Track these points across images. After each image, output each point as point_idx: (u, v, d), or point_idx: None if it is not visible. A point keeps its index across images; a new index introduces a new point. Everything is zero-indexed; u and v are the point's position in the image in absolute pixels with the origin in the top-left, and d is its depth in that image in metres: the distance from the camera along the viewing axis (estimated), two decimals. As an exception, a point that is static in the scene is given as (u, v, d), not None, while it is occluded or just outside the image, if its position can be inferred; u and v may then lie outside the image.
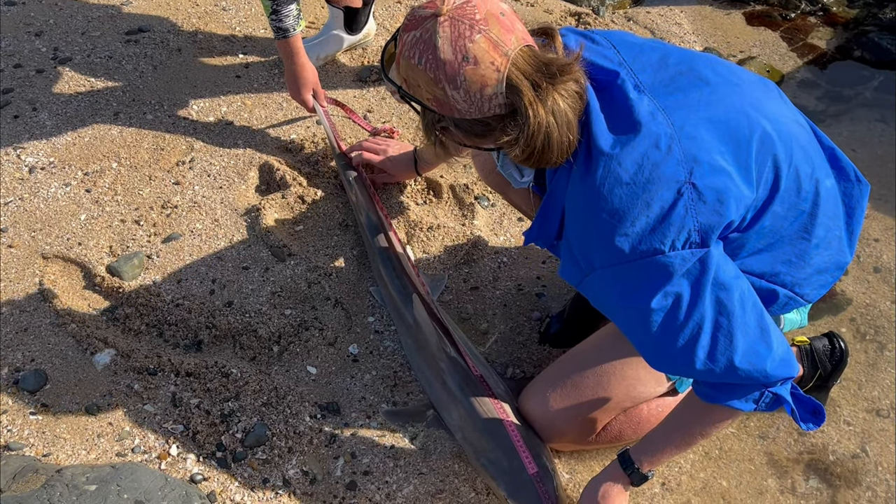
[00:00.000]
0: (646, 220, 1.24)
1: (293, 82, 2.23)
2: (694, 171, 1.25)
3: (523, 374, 1.91)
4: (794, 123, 1.42)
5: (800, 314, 1.65)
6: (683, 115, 1.29)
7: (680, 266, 1.25)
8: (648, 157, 1.25)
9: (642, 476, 1.48)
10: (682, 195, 1.24)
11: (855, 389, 1.89)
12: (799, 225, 1.39)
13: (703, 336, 1.27)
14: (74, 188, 2.20)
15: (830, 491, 1.73)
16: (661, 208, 1.24)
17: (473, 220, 2.24)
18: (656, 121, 1.27)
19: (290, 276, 2.04)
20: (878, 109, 2.66)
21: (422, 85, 1.25)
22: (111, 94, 2.47)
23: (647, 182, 1.24)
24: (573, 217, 1.35)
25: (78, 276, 2.01)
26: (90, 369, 1.82)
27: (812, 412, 1.36)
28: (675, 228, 1.24)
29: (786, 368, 1.30)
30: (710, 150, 1.27)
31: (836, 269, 1.49)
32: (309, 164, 2.32)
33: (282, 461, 1.71)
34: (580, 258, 1.35)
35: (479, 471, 1.67)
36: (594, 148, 1.28)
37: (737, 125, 1.31)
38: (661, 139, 1.26)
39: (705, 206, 1.25)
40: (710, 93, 1.33)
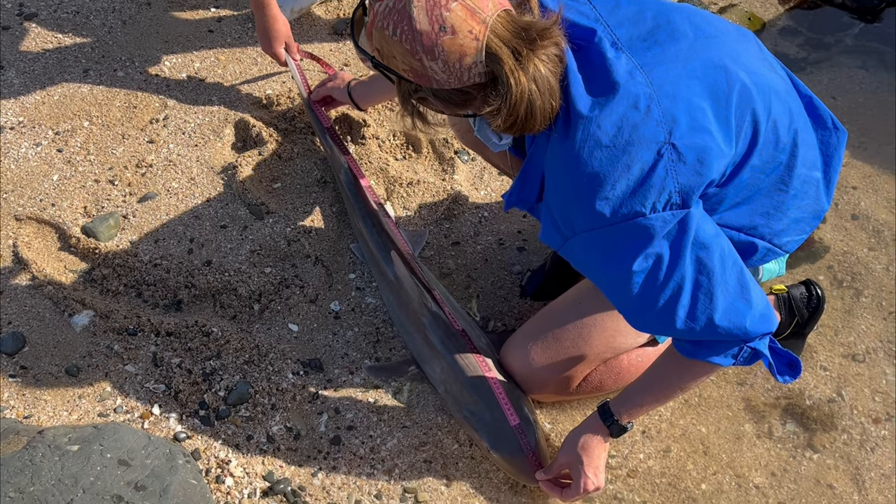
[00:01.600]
0: (626, 183, 1.23)
1: (264, 35, 2.18)
2: (673, 131, 1.23)
3: (504, 327, 1.91)
4: (772, 74, 1.40)
5: (778, 264, 1.66)
6: (662, 72, 1.27)
7: (661, 228, 1.24)
8: (627, 119, 1.23)
9: (621, 427, 1.50)
10: (661, 156, 1.23)
11: (831, 335, 1.92)
12: (776, 177, 1.39)
13: (684, 296, 1.27)
14: (45, 148, 2.16)
15: (807, 434, 1.76)
16: (641, 170, 1.23)
17: (454, 174, 2.22)
18: (635, 80, 1.25)
19: (268, 234, 2.02)
20: (859, 56, 2.65)
21: (397, 56, 1.21)
22: (80, 50, 2.41)
23: (627, 144, 1.23)
24: (553, 181, 1.34)
25: (53, 238, 1.98)
26: (68, 331, 1.81)
27: (788, 365, 1.38)
28: (655, 190, 1.23)
29: (765, 324, 1.31)
30: (689, 108, 1.25)
31: (814, 218, 1.49)
32: (285, 119, 2.28)
33: (265, 418, 1.71)
34: (561, 222, 1.34)
35: (462, 423, 1.69)
36: (573, 111, 1.26)
37: (715, 80, 1.29)
38: (639, 99, 1.24)
39: (685, 166, 1.24)
40: (687, 47, 1.31)
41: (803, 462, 1.72)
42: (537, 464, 1.58)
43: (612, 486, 1.67)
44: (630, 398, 1.50)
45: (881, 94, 2.52)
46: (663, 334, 1.36)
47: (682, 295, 1.27)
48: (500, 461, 1.61)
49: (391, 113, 2.33)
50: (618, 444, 1.73)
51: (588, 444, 1.51)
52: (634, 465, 1.70)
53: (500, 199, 2.18)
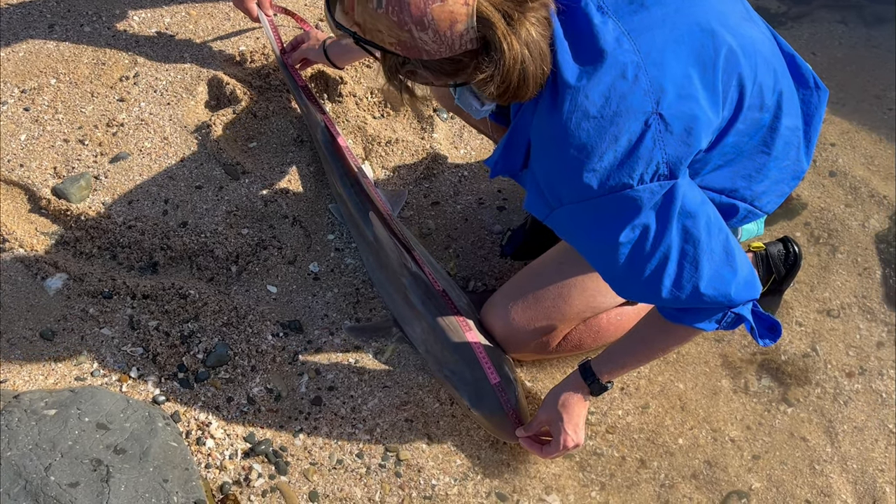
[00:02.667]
0: (613, 155, 1.21)
1: None
2: (661, 101, 1.21)
3: (485, 286, 1.91)
4: (757, 33, 1.38)
5: (757, 224, 1.67)
6: (649, 39, 1.24)
7: (648, 199, 1.23)
8: (615, 89, 1.20)
9: (601, 386, 1.51)
10: (649, 127, 1.20)
11: (807, 291, 1.94)
12: (759, 139, 1.38)
13: (670, 266, 1.27)
14: (11, 107, 2.09)
15: (781, 389, 1.79)
16: (628, 141, 1.20)
17: (433, 133, 2.19)
18: (622, 48, 1.22)
19: (245, 195, 1.99)
20: (839, 11, 2.63)
21: (383, 30, 1.16)
22: (44, 4, 2.32)
23: (615, 115, 1.20)
24: (539, 151, 1.31)
25: (22, 200, 1.93)
26: (42, 294, 1.78)
27: (769, 328, 1.39)
28: (643, 162, 1.21)
29: (749, 290, 1.31)
30: (676, 76, 1.23)
31: (793, 179, 1.49)
32: (260, 77, 2.23)
33: (245, 380, 1.71)
34: (547, 192, 1.32)
35: (443, 382, 1.70)
36: (560, 80, 1.22)
37: (702, 45, 1.26)
38: (627, 68, 1.21)
39: (673, 136, 1.22)
40: (674, 10, 1.27)
41: (777, 416, 1.75)
42: (517, 421, 1.59)
43: (591, 441, 1.69)
44: (612, 358, 1.51)
45: (860, 50, 2.52)
46: (649, 302, 1.36)
47: (668, 265, 1.27)
48: (481, 419, 1.62)
49: (369, 70, 2.29)
50: (597, 402, 1.74)
51: (568, 402, 1.53)
52: (613, 422, 1.72)
53: (481, 160, 2.16)
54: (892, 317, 1.90)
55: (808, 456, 1.70)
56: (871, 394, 1.79)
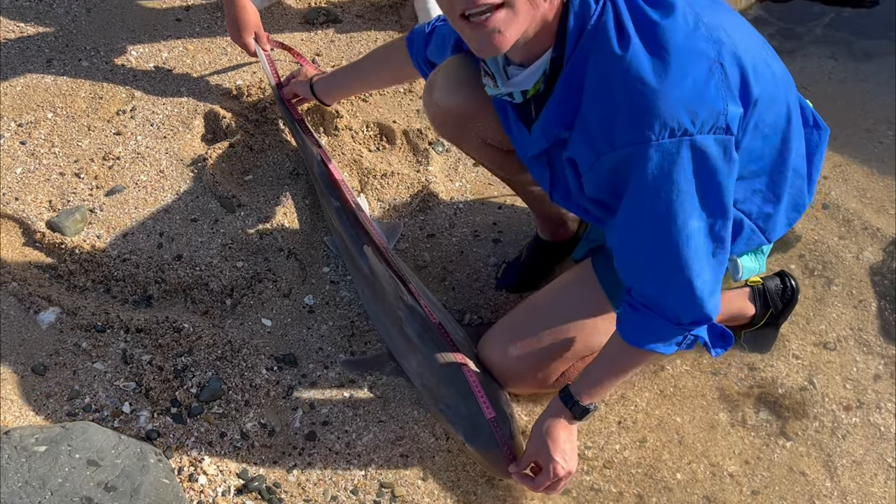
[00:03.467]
0: (679, 93, 1.19)
1: (233, 24, 2.14)
2: (721, 52, 1.22)
3: (481, 319, 1.90)
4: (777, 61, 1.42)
5: (758, 261, 1.65)
6: (702, 6, 1.26)
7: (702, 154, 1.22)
8: (682, 31, 1.22)
9: (583, 409, 1.49)
10: (713, 74, 1.21)
11: (803, 324, 1.94)
12: (779, 158, 1.40)
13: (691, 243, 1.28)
14: (8, 140, 2.10)
15: (779, 422, 1.78)
16: (693, 82, 1.20)
17: (428, 166, 2.20)
18: (677, 4, 1.24)
19: (240, 228, 1.99)
20: (828, 46, 2.67)
21: None
22: (43, 39, 2.34)
23: (681, 51, 1.20)
24: (597, 90, 1.27)
25: (17, 233, 1.93)
26: (34, 328, 1.76)
27: (721, 336, 1.41)
28: (706, 109, 1.20)
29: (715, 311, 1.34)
30: (731, 37, 1.25)
31: (796, 211, 1.51)
32: (256, 110, 2.24)
33: (239, 414, 1.69)
34: (598, 135, 1.29)
35: (438, 417, 1.68)
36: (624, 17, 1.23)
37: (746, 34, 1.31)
38: (687, 16, 1.23)
39: (730, 91, 1.22)
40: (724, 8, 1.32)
41: (776, 450, 1.74)
42: (512, 457, 1.57)
43: (588, 476, 1.67)
44: (587, 378, 1.50)
45: (849, 84, 2.55)
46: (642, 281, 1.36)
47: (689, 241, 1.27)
48: (476, 454, 1.60)
49: (364, 104, 2.31)
50: (594, 436, 1.73)
51: (553, 429, 1.50)
52: (610, 456, 1.71)
53: (476, 193, 2.17)
54: (888, 349, 1.90)
55: (807, 491, 1.68)
56: (869, 427, 1.77)
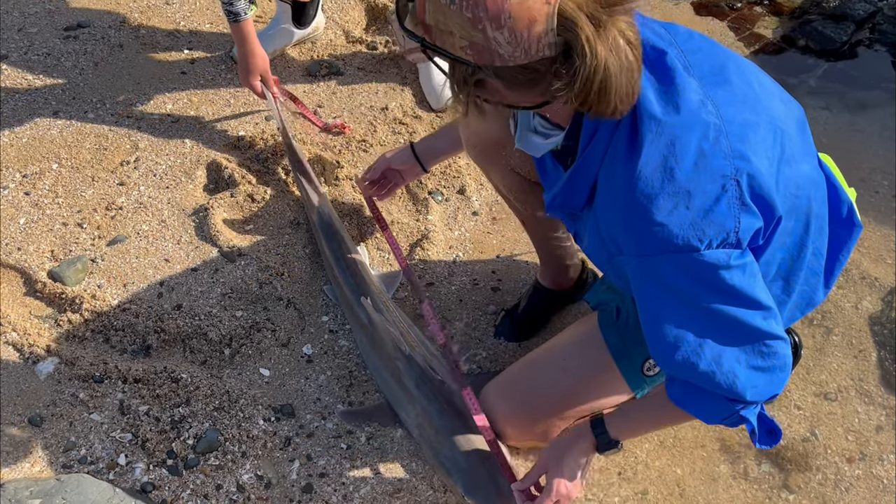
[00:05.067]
0: (685, 212, 1.15)
1: (242, 67, 2.21)
2: (739, 169, 1.17)
3: (479, 369, 1.90)
4: (809, 158, 1.37)
5: None
6: (732, 112, 1.20)
7: (711, 267, 1.18)
8: (697, 144, 1.16)
9: (609, 441, 1.42)
10: (726, 191, 1.16)
11: (804, 374, 1.93)
12: (795, 263, 1.35)
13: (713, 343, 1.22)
14: (13, 191, 2.13)
15: (782, 475, 1.76)
16: (703, 202, 1.15)
17: (427, 215, 2.22)
18: (706, 108, 1.18)
19: (240, 277, 2.00)
20: (822, 97, 2.71)
21: (455, 30, 1.06)
22: (50, 92, 2.39)
23: (693, 170, 1.15)
24: (606, 192, 1.24)
25: (18, 283, 1.94)
26: (32, 379, 1.76)
27: (769, 432, 1.34)
28: (715, 227, 1.16)
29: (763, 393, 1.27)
30: (755, 151, 1.19)
31: (808, 307, 1.47)
32: (258, 161, 2.27)
33: (235, 466, 1.67)
34: (608, 239, 1.28)
35: (437, 469, 1.66)
36: (643, 114, 1.17)
37: (774, 138, 1.24)
38: (710, 129, 1.17)
39: (746, 207, 1.17)
40: (754, 98, 1.25)
41: (779, 503, 1.71)
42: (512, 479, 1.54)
43: (589, 530, 1.65)
44: (624, 417, 1.44)
45: (843, 135, 2.58)
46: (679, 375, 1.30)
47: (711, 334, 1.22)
48: (475, 508, 1.58)
49: (364, 154, 2.34)
50: (593, 488, 1.71)
51: (569, 450, 1.44)
52: (611, 509, 1.68)
53: (475, 241, 2.19)
54: (889, 400, 1.88)
55: (811, 545, 1.65)
56: (872, 479, 1.75)
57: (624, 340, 1.53)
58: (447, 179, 2.30)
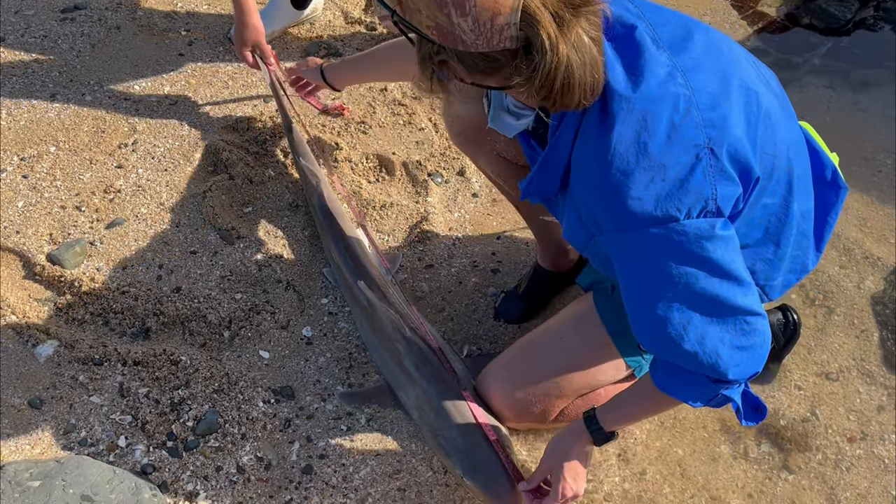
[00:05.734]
0: (661, 184, 1.16)
1: (238, 37, 2.19)
2: (713, 137, 1.18)
3: (479, 351, 1.90)
4: (787, 120, 1.37)
5: None
6: (701, 80, 1.21)
7: (693, 237, 1.18)
8: (668, 117, 1.18)
9: (605, 435, 1.45)
10: (700, 160, 1.17)
11: (805, 354, 1.92)
12: (783, 224, 1.35)
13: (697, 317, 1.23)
14: (10, 174, 2.12)
15: (782, 455, 1.76)
16: (677, 172, 1.17)
17: (427, 197, 2.21)
18: (675, 81, 1.19)
19: (239, 260, 2.00)
20: (826, 76, 2.69)
21: (422, 10, 1.09)
22: (47, 74, 2.37)
23: (666, 143, 1.17)
24: (581, 173, 1.25)
25: (17, 266, 1.94)
26: (32, 362, 1.76)
27: (755, 409, 1.36)
28: (692, 195, 1.17)
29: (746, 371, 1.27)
30: (726, 117, 1.21)
31: (802, 272, 1.46)
32: (256, 143, 2.26)
33: (235, 448, 1.68)
34: (587, 219, 1.28)
35: (436, 450, 1.67)
36: (611, 95, 1.17)
37: (748, 100, 1.25)
38: (679, 100, 1.18)
39: (723, 174, 1.19)
40: (725, 62, 1.26)
41: (779, 483, 1.71)
42: (518, 477, 1.55)
43: (588, 511, 1.65)
44: (615, 408, 1.46)
45: (847, 113, 2.55)
46: (661, 354, 1.31)
47: (694, 313, 1.22)
48: (474, 489, 1.58)
49: (364, 136, 2.32)
50: (594, 469, 1.71)
51: (570, 450, 1.47)
52: (610, 489, 1.68)
53: (475, 223, 2.18)
54: (891, 380, 1.88)
55: (811, 525, 1.65)
56: (873, 459, 1.75)
57: (619, 316, 1.53)
58: (447, 161, 2.28)
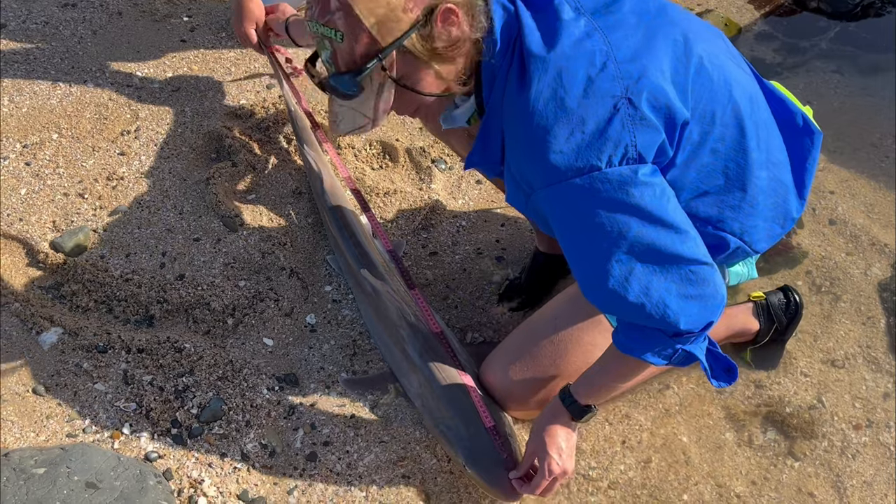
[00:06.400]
0: (581, 136, 1.22)
1: (236, 15, 2.13)
2: (630, 88, 1.24)
3: (483, 338, 1.89)
4: (735, 67, 1.41)
5: (746, 266, 1.64)
6: (622, 35, 1.28)
7: (617, 183, 1.23)
8: (583, 74, 1.24)
9: (581, 409, 1.47)
10: (618, 110, 1.23)
11: (811, 341, 1.91)
12: (745, 168, 1.39)
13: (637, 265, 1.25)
14: (13, 161, 2.11)
15: (787, 442, 1.75)
16: (596, 124, 1.22)
17: (431, 183, 2.20)
18: (592, 39, 1.26)
19: (242, 247, 1.99)
20: (834, 61, 2.66)
21: None
22: (49, 61, 2.36)
23: (582, 97, 1.23)
24: (510, 135, 1.33)
25: (20, 254, 1.93)
26: (36, 349, 1.76)
27: (726, 370, 1.37)
28: (611, 143, 1.22)
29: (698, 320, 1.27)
30: (647, 66, 1.26)
31: (787, 220, 1.48)
32: (259, 130, 2.25)
33: (239, 435, 1.68)
34: (520, 179, 1.35)
35: (438, 438, 1.66)
36: (527, 56, 1.26)
37: (675, 47, 1.31)
38: (595, 56, 1.25)
39: (642, 122, 1.24)
40: (650, 19, 1.32)
41: (784, 470, 1.71)
42: (513, 464, 1.54)
43: (593, 498, 1.65)
44: (585, 381, 1.48)
45: (855, 98, 2.53)
46: (611, 311, 1.34)
47: (635, 264, 1.25)
48: (476, 477, 1.57)
49: (367, 122, 2.31)
50: (598, 456, 1.71)
51: (551, 429, 1.48)
52: (615, 477, 1.68)
53: (479, 210, 2.16)
54: (897, 367, 1.87)
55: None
56: (879, 447, 1.74)
57: None
58: (451, 147, 2.27)
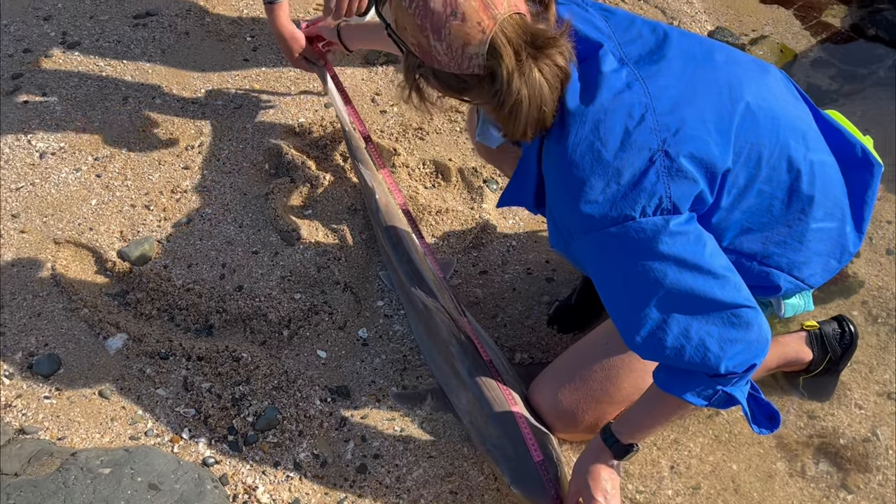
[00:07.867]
0: (616, 187, 1.25)
1: (283, 51, 2.22)
2: (668, 140, 1.26)
3: (531, 359, 1.91)
4: (787, 103, 1.41)
5: (803, 298, 1.63)
6: (663, 85, 1.30)
7: (651, 233, 1.25)
8: (620, 126, 1.26)
9: (624, 448, 1.47)
10: (653, 163, 1.25)
11: (866, 373, 1.89)
12: (794, 206, 1.39)
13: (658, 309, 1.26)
14: (85, 173, 2.21)
15: (841, 475, 1.73)
16: (632, 175, 1.25)
17: (482, 203, 2.23)
18: (632, 90, 1.28)
19: (299, 261, 2.05)
20: (891, 89, 2.62)
21: (408, 28, 1.25)
22: (120, 78, 2.47)
23: (619, 150, 1.26)
24: (549, 183, 1.37)
25: (89, 261, 2.02)
26: (103, 353, 1.84)
27: (768, 417, 1.36)
28: (646, 194, 1.25)
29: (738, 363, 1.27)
30: (686, 118, 1.28)
31: (844, 254, 1.47)
32: (317, 147, 2.32)
33: (293, 444, 1.72)
34: (559, 224, 1.38)
35: (485, 456, 1.68)
36: (565, 111, 1.29)
37: (719, 96, 1.32)
38: (634, 108, 1.27)
39: (679, 174, 1.25)
40: (695, 65, 1.34)
41: (837, 503, 1.68)
42: (559, 501, 1.56)
43: (639, 522, 1.65)
44: (627, 419, 1.48)
45: (916, 128, 2.49)
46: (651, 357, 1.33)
47: (673, 310, 1.26)
48: (521, 497, 1.59)
49: (421, 142, 2.36)
50: (646, 480, 1.70)
51: (595, 470, 1.49)
52: (663, 502, 1.68)
53: (530, 230, 2.19)
54: (956, 402, 1.83)
55: (869, 547, 1.62)
56: (936, 483, 1.71)
57: None
58: (503, 168, 2.30)
